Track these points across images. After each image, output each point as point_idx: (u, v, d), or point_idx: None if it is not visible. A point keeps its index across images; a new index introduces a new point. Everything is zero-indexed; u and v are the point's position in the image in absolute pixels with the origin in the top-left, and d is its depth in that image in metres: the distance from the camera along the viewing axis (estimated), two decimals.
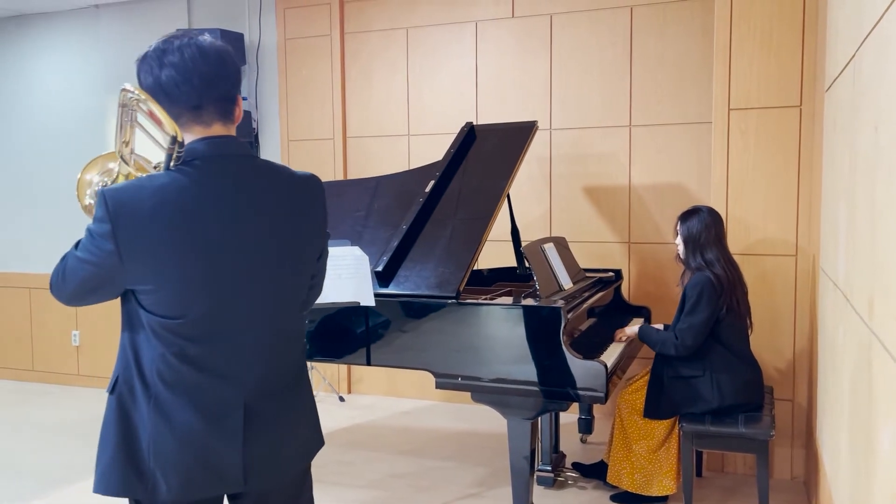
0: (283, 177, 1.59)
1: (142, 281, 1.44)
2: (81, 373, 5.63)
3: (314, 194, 1.65)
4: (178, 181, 1.45)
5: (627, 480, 3.22)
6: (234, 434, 1.50)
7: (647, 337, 3.22)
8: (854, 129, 2.04)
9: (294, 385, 1.64)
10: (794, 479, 3.57)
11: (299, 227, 1.59)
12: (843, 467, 2.20)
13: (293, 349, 1.64)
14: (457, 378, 2.97)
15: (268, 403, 1.55)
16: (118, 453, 1.49)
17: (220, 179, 1.49)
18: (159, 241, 1.41)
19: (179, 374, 1.47)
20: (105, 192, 1.42)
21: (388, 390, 5.03)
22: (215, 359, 1.49)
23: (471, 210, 3.36)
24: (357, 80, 4.93)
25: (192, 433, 1.47)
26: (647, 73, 4.24)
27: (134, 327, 1.50)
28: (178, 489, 1.48)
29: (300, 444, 1.65)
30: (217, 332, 1.49)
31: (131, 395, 1.49)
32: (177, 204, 1.43)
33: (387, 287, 3.13)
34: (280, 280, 1.56)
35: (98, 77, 5.47)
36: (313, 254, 1.65)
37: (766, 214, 3.52)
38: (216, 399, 1.49)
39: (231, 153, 1.53)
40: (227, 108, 1.54)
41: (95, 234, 1.43)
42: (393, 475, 3.71)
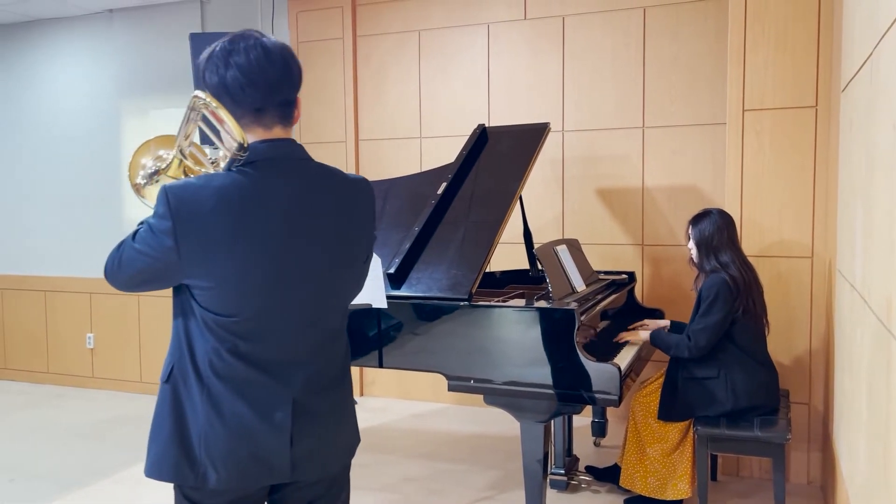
0: (336, 180, 1.62)
1: (198, 277, 1.47)
2: (96, 375, 5.67)
3: (365, 197, 1.68)
4: (238, 182, 1.47)
5: (641, 484, 3.20)
6: (283, 428, 1.53)
7: (659, 341, 3.19)
8: (871, 128, 2.02)
9: (339, 382, 1.67)
10: (811, 484, 3.53)
11: (351, 229, 1.62)
12: (861, 471, 2.17)
13: (339, 347, 1.67)
14: (469, 380, 2.96)
15: (315, 399, 1.58)
16: (171, 441, 1.53)
17: (280, 181, 1.51)
18: (218, 241, 1.44)
19: (232, 368, 1.50)
20: (168, 189, 1.44)
21: (400, 393, 5.02)
22: (266, 356, 1.52)
23: (483, 212, 3.35)
24: (369, 82, 4.94)
25: (242, 426, 1.51)
26: (660, 74, 4.22)
27: (188, 318, 1.53)
28: (227, 478, 1.51)
29: (344, 441, 1.69)
30: (269, 330, 1.52)
31: (185, 385, 1.53)
32: (237, 204, 1.45)
33: (399, 289, 3.13)
34: (331, 281, 1.60)
35: (112, 82, 5.51)
36: (362, 256, 1.68)
37: (781, 216, 3.49)
38: (266, 394, 1.52)
39: (290, 156, 1.56)
40: (288, 111, 1.57)
41: (156, 230, 1.45)
42: (406, 478, 3.70)
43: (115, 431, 4.60)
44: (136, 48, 5.41)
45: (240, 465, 1.51)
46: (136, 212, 5.48)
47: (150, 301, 5.42)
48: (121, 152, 5.52)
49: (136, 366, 5.53)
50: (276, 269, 1.49)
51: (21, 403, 5.30)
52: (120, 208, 5.54)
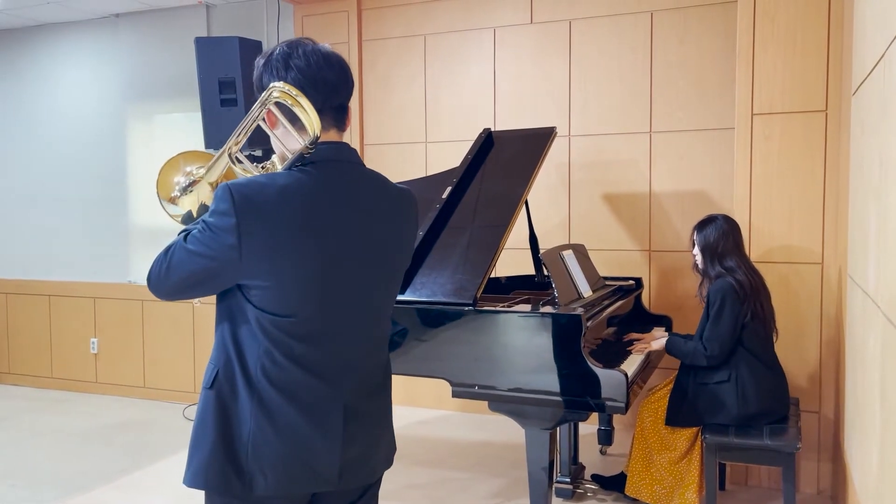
0: (388, 187, 1.63)
1: (258, 277, 1.45)
2: (100, 380, 5.65)
3: (413, 209, 1.69)
4: (301, 181, 1.47)
5: (647, 493, 3.15)
6: (335, 434, 1.52)
7: (676, 349, 3.15)
8: (884, 130, 1.98)
9: (382, 389, 1.67)
10: (821, 494, 3.47)
11: (400, 237, 1.63)
12: (873, 481, 2.12)
13: (384, 353, 1.68)
14: (474, 387, 2.92)
15: (363, 405, 1.58)
16: (217, 448, 1.50)
17: (340, 183, 1.52)
18: (281, 239, 1.43)
19: (285, 372, 1.48)
20: (231, 187, 1.43)
21: (404, 400, 4.98)
22: (319, 359, 1.51)
23: (488, 216, 3.32)
24: (374, 87, 4.92)
25: (295, 432, 1.49)
26: (667, 78, 4.19)
27: (237, 322, 1.50)
28: (276, 485, 1.50)
29: (386, 447, 1.68)
30: (323, 332, 1.51)
31: (232, 391, 1.50)
32: (300, 203, 1.45)
33: (403, 294, 3.09)
34: (381, 286, 1.60)
35: (117, 86, 5.51)
36: (405, 265, 1.69)
37: (791, 222, 3.44)
38: (319, 399, 1.51)
39: (348, 159, 1.56)
40: (343, 115, 1.59)
41: (216, 228, 1.43)
42: (409, 486, 3.65)
43: (119, 437, 4.57)
44: (141, 52, 5.41)
45: (289, 472, 1.50)
46: (141, 217, 5.47)
47: (155, 306, 5.40)
48: (126, 156, 5.52)
49: (140, 371, 5.51)
50: (333, 269, 1.49)
51: (24, 408, 5.28)
52: (125, 213, 5.53)
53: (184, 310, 5.30)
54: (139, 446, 4.36)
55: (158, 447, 4.30)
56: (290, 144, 1.53)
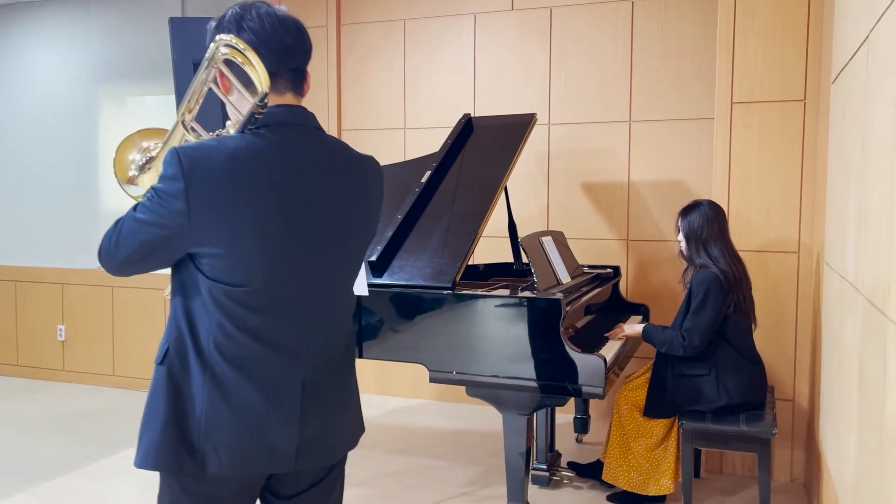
0: (351, 154, 1.57)
1: (208, 243, 1.38)
2: (67, 368, 5.52)
3: (377, 177, 1.63)
4: (254, 144, 1.41)
5: (624, 479, 3.14)
6: (292, 412, 1.46)
7: (653, 337, 3.11)
8: (867, 113, 1.97)
9: (347, 363, 1.61)
10: (794, 482, 3.49)
11: (363, 206, 1.57)
12: (851, 465, 2.13)
13: (347, 326, 1.61)
14: (451, 372, 2.89)
15: (324, 380, 1.52)
16: (168, 426, 1.43)
17: (296, 147, 1.46)
18: (231, 204, 1.37)
19: (239, 345, 1.42)
20: (179, 150, 1.36)
21: (379, 388, 4.94)
22: (276, 332, 1.45)
23: (468, 201, 3.28)
24: (353, 72, 4.86)
25: (250, 409, 1.43)
26: (647, 67, 4.18)
27: (189, 294, 1.44)
28: (229, 465, 1.43)
29: (351, 426, 1.62)
30: (279, 302, 1.44)
31: (184, 367, 1.43)
32: (251, 166, 1.39)
33: (380, 277, 3.05)
34: (342, 256, 1.54)
35: (88, 68, 5.38)
36: (369, 235, 1.63)
37: (769, 211, 3.45)
38: (275, 373, 1.45)
39: (306, 123, 1.51)
40: (300, 79, 1.53)
41: (164, 193, 1.37)
42: (383, 473, 3.61)
43: (85, 425, 4.47)
44: (114, 33, 5.29)
45: (244, 451, 1.43)
46: (112, 201, 5.35)
47: (125, 292, 5.29)
48: (97, 140, 5.39)
49: (109, 359, 5.39)
50: (289, 236, 1.43)
51: None
52: (95, 197, 5.41)
53: (155, 296, 5.20)
54: (107, 434, 4.27)
55: (126, 435, 4.21)
56: (246, 111, 1.46)
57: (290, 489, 1.58)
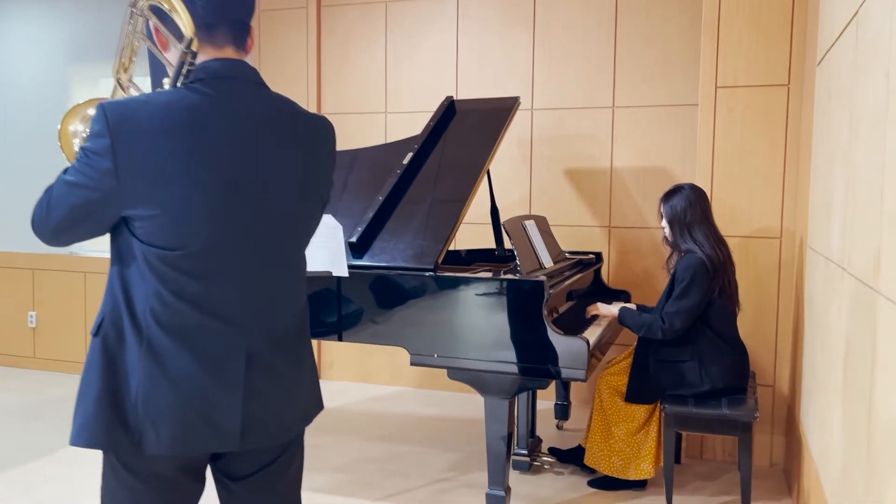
0: (298, 112, 1.49)
1: (139, 204, 1.30)
2: (38, 356, 5.39)
3: (326, 136, 1.55)
4: (188, 98, 1.33)
5: (605, 464, 3.12)
6: (235, 385, 1.37)
7: (629, 320, 3.07)
8: (856, 89, 1.96)
9: (298, 337, 1.51)
10: (774, 467, 3.50)
11: (311, 167, 1.49)
12: (836, 449, 2.12)
13: (298, 296, 1.52)
14: (433, 355, 2.85)
15: (272, 354, 1.43)
16: (102, 401, 1.34)
17: (235, 102, 1.37)
18: (162, 161, 1.29)
19: (177, 314, 1.33)
20: (105, 106, 1.28)
21: (359, 376, 4.89)
22: (217, 299, 1.36)
23: (450, 184, 3.23)
24: (333, 54, 4.78)
25: (188, 381, 1.34)
26: (632, 53, 4.16)
27: (125, 262, 1.35)
28: (169, 442, 1.34)
29: (301, 404, 1.52)
30: (220, 268, 1.36)
31: (119, 338, 1.35)
32: (185, 121, 1.30)
33: (361, 259, 3.00)
34: (289, 219, 1.45)
35: (61, 48, 5.24)
36: (320, 198, 1.54)
37: (751, 196, 3.44)
38: (216, 344, 1.36)
39: (246, 78, 1.42)
40: (241, 33, 1.45)
41: (90, 152, 1.29)
42: (363, 459, 3.57)
43: (56, 411, 4.36)
44: (88, 12, 5.15)
45: (184, 428, 1.34)
46: None
47: (98, 278, 5.18)
48: None
49: (82, 345, 5.27)
50: (228, 197, 1.35)
51: None
52: None
53: None
54: None
55: None
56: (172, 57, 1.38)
57: (242, 469, 1.50)
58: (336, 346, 4.88)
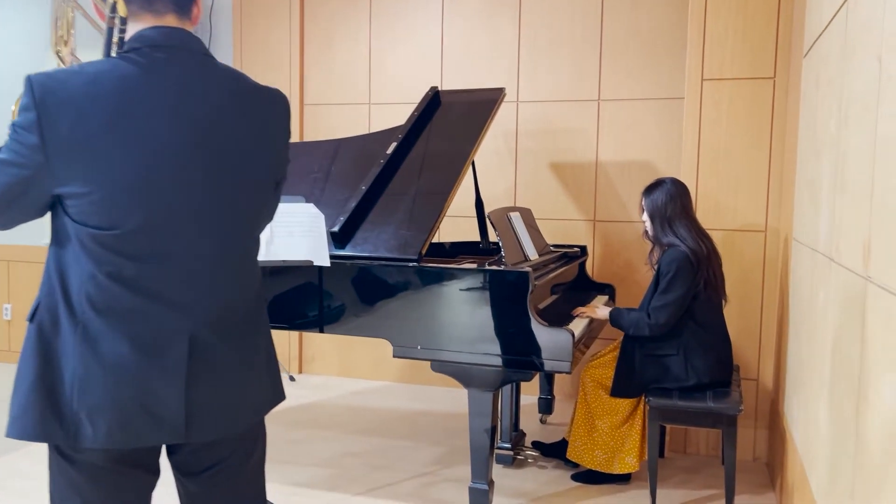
0: (246, 84, 1.41)
1: (69, 182, 1.23)
2: (13, 348, 5.29)
3: (280, 110, 1.47)
4: (120, 68, 1.26)
5: (589, 458, 3.09)
6: (176, 372, 1.30)
7: (619, 320, 3.03)
8: (845, 76, 1.94)
9: (251, 323, 1.43)
10: (757, 461, 3.49)
11: (259, 143, 1.40)
12: (822, 440, 2.10)
13: (250, 280, 1.44)
14: (416, 347, 2.80)
15: (219, 340, 1.35)
16: (36, 390, 1.27)
17: (173, 73, 1.30)
18: (93, 135, 1.22)
19: (113, 297, 1.26)
20: (32, 78, 1.21)
21: (341, 370, 4.83)
22: (157, 281, 1.29)
23: (434, 175, 3.19)
24: (317, 44, 4.72)
25: (125, 368, 1.27)
26: (618, 46, 4.13)
27: (61, 244, 1.29)
28: (106, 435, 1.27)
29: (256, 394, 1.44)
30: (159, 248, 1.29)
31: (54, 324, 1.28)
32: (117, 93, 1.23)
33: (343, 249, 2.94)
34: (236, 197, 1.37)
35: (43, 34, 5.13)
36: (271, 176, 1.46)
37: (737, 190, 3.43)
38: (156, 329, 1.29)
39: (187, 47, 1.34)
40: (184, 0, 1.36)
41: (19, 127, 1.22)
42: (346, 454, 3.52)
43: None
44: None
45: (121, 419, 1.27)
46: None
47: None
48: None
49: None
50: (164, 171, 1.27)
51: None
52: None
53: None
54: None
55: None
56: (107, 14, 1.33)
57: (197, 465, 1.43)
58: (317, 339, 4.83)
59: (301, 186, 3.32)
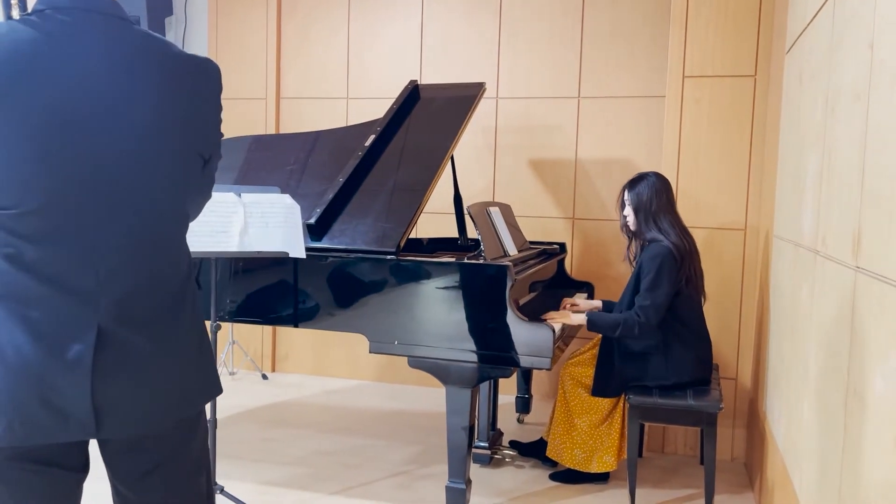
0: (167, 51, 1.30)
1: None
2: None
3: (207, 80, 1.36)
4: (18, 32, 1.16)
5: (568, 456, 3.05)
6: (80, 365, 1.19)
7: (599, 324, 2.88)
8: (832, 67, 1.92)
9: (173, 310, 1.32)
10: (735, 461, 3.48)
11: (183, 113, 1.30)
12: (806, 437, 2.08)
13: (171, 264, 1.32)
14: (393, 342, 2.74)
15: (133, 330, 1.24)
16: None
17: (81, 37, 1.20)
18: None
19: (12, 283, 1.16)
20: None
21: (315, 369, 4.74)
22: (59, 265, 1.18)
23: (413, 168, 3.14)
24: (294, 37, 4.64)
25: (24, 361, 1.17)
26: (598, 43, 4.11)
27: None
28: (6, 432, 1.17)
29: (181, 387, 1.33)
30: (64, 231, 1.18)
31: None
32: (11, 59, 1.14)
33: (319, 241, 2.88)
34: (152, 172, 1.26)
35: None
36: (196, 149, 1.35)
37: (717, 187, 3.42)
38: (60, 319, 1.18)
39: (98, 9, 1.23)
40: None
41: None
42: (319, 452, 3.44)
43: None
44: None
45: (22, 415, 1.17)
46: None
47: None
48: None
49: None
50: (69, 147, 1.17)
51: None
52: None
53: None
54: None
55: None
56: None
57: (123, 466, 1.33)
58: (291, 337, 4.74)
59: (277, 178, 3.25)
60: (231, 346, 4.65)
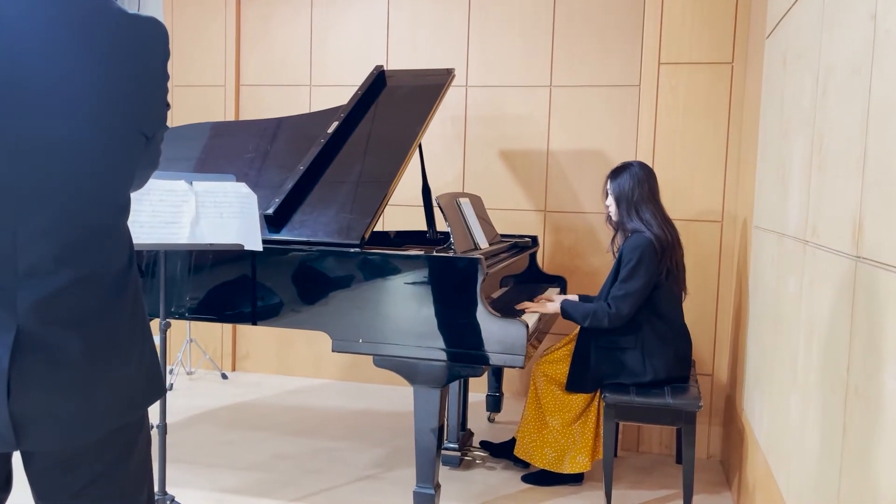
0: (109, 10, 1.14)
1: None
2: None
3: (153, 44, 1.20)
4: None
5: (538, 455, 2.92)
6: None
7: (573, 312, 2.82)
8: (824, 46, 1.81)
9: (111, 309, 1.17)
10: (711, 458, 3.39)
11: (118, 82, 1.14)
12: (794, 436, 1.97)
13: (104, 258, 1.17)
14: (357, 340, 2.58)
15: (57, 333, 1.10)
16: None
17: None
18: None
19: None
20: None
21: (277, 368, 4.56)
22: None
23: (379, 157, 2.98)
24: (254, 21, 4.44)
25: None
26: (570, 30, 3.99)
27: None
28: None
29: (119, 391, 1.19)
30: None
31: None
32: None
33: (278, 233, 2.71)
34: (79, 154, 1.11)
35: None
36: (136, 125, 1.20)
37: (693, 177, 3.32)
38: None
39: None
40: None
41: None
42: (279, 456, 3.26)
43: None
44: None
45: None
46: None
47: None
48: None
49: None
50: None
51: None
52: None
53: None
54: None
55: None
56: None
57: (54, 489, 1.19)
58: (252, 335, 4.54)
59: (234, 167, 3.06)
60: (189, 344, 4.44)
